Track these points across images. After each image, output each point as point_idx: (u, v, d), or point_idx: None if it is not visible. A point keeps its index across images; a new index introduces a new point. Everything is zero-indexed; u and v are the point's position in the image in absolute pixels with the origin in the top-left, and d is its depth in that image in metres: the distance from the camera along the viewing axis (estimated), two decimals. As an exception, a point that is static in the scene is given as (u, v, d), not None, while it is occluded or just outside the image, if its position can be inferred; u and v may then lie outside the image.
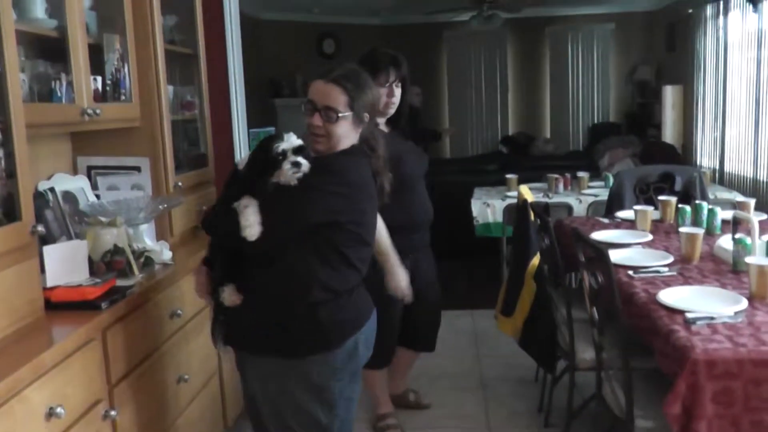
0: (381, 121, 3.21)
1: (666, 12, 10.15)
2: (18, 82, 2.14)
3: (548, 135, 11.60)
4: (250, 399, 2.43)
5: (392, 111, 3.29)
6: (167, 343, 2.74)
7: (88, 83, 2.67)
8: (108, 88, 2.91)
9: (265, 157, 2.16)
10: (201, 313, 3.08)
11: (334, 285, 2.25)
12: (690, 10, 8.58)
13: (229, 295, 2.27)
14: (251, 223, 2.12)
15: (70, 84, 2.56)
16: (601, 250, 2.66)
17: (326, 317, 2.24)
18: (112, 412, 2.25)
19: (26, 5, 2.48)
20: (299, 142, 2.18)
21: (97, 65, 2.81)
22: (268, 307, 2.24)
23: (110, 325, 2.30)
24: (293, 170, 2.15)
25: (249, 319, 2.28)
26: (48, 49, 2.59)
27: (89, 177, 3.11)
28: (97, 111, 2.67)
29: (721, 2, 7.89)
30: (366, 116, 2.37)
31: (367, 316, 2.40)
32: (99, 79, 2.85)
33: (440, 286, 3.69)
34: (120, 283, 2.51)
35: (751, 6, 3.33)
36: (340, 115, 2.28)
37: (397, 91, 3.27)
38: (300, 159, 2.15)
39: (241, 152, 4.97)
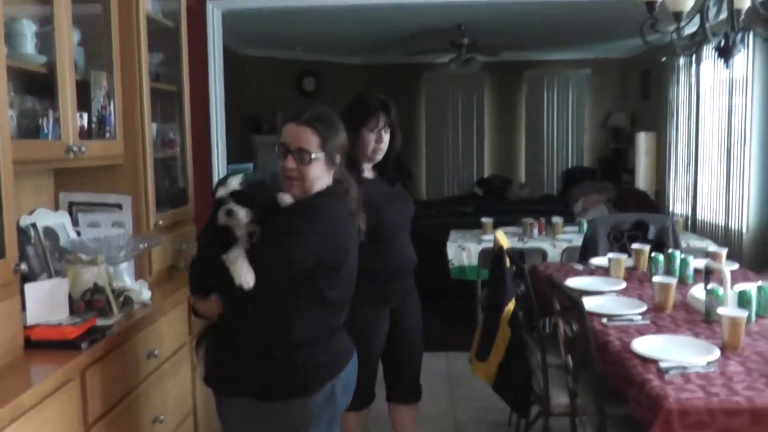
0: (367, 166, 3.20)
1: (640, 60, 10.35)
2: (7, 119, 2.16)
3: (523, 178, 11.73)
4: None
5: (380, 156, 3.21)
6: (144, 384, 2.73)
7: (74, 120, 2.69)
8: (93, 125, 2.92)
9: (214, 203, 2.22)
10: (177, 353, 3.08)
11: (314, 327, 2.26)
12: (663, 59, 8.77)
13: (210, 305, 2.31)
14: (245, 274, 2.13)
15: (57, 120, 2.58)
16: (576, 299, 2.70)
17: (305, 360, 2.24)
18: (89, 453, 2.24)
19: (16, 40, 2.50)
20: (236, 187, 2.19)
21: (83, 102, 2.83)
22: (247, 348, 2.24)
23: (89, 365, 2.29)
24: (225, 218, 2.17)
25: (227, 361, 2.28)
26: (36, 85, 2.61)
27: (70, 213, 3.11)
28: (83, 148, 2.68)
29: (694, 52, 8.07)
30: (338, 158, 2.39)
31: (346, 361, 2.40)
32: (85, 115, 2.86)
33: (424, 334, 3.55)
34: (99, 322, 2.50)
35: (722, 61, 3.42)
36: (313, 156, 2.30)
37: (386, 137, 3.19)
38: (234, 207, 2.17)
39: (220, 189, 4.97)
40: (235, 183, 2.18)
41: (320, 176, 2.35)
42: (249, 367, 2.24)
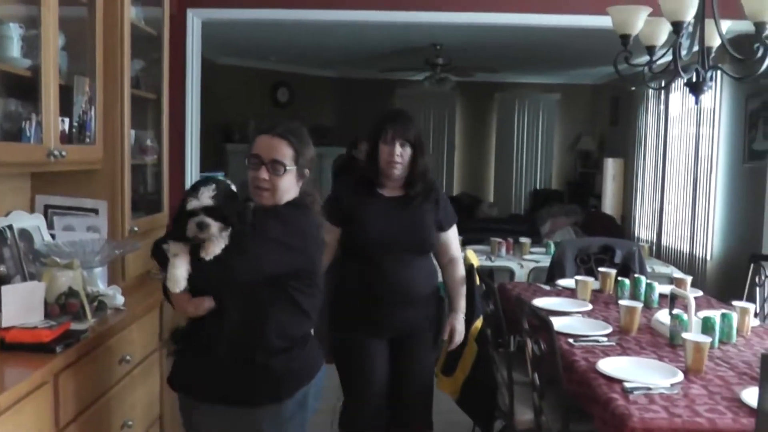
0: (392, 183, 3.21)
1: (610, 87, 10.54)
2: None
3: (492, 197, 11.84)
4: None
5: (398, 172, 3.14)
6: (115, 389, 2.73)
7: (56, 124, 2.69)
8: (74, 130, 2.93)
9: (179, 211, 2.19)
10: (148, 358, 3.08)
11: (289, 334, 2.29)
12: (633, 87, 8.94)
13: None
14: (177, 276, 2.16)
15: (39, 124, 2.58)
16: (545, 319, 2.76)
17: (280, 367, 2.27)
18: (59, 456, 2.24)
19: (2, 43, 2.51)
20: (209, 202, 2.16)
21: (65, 106, 2.84)
22: (221, 354, 2.25)
23: (63, 369, 2.29)
24: (196, 231, 2.15)
25: (199, 366, 2.29)
26: (20, 88, 2.61)
27: (45, 216, 3.11)
28: (63, 153, 2.69)
29: (663, 81, 8.23)
30: (307, 171, 2.43)
31: (318, 368, 2.44)
32: (67, 120, 2.87)
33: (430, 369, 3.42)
34: (74, 326, 2.50)
35: (693, 97, 3.52)
36: (287, 168, 2.33)
37: (401, 151, 3.10)
38: (207, 220, 2.14)
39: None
40: (207, 195, 2.16)
41: (290, 189, 2.38)
42: (222, 372, 2.25)
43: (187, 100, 4.93)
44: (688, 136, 7.69)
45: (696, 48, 3.31)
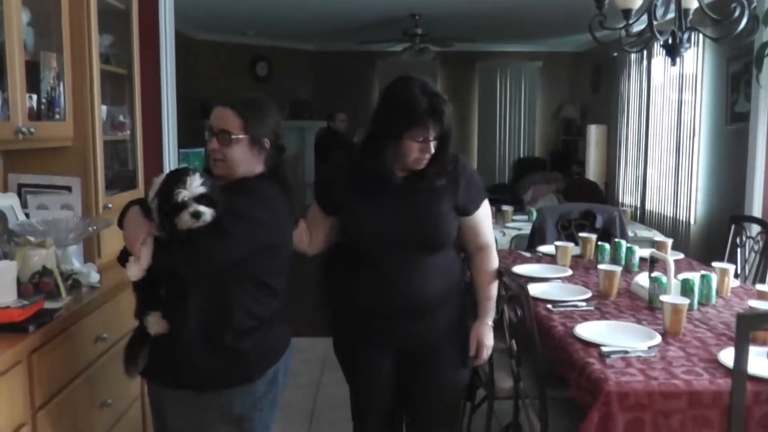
0: (402, 173, 2.57)
1: (592, 54, 10.51)
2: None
3: (475, 166, 11.79)
4: None
5: (422, 166, 2.54)
6: (92, 367, 2.71)
7: (23, 101, 2.65)
8: (43, 107, 2.89)
9: (168, 201, 2.11)
10: (125, 337, 3.04)
11: (255, 313, 2.25)
12: (615, 54, 8.91)
13: (154, 323, 2.23)
14: (138, 268, 2.14)
15: (5, 101, 2.54)
16: (521, 285, 2.76)
17: (249, 348, 2.24)
18: (35, 436, 2.22)
19: (-36, 20, 2.46)
20: (201, 189, 2.11)
21: (32, 83, 2.79)
22: (188, 339, 2.21)
23: (37, 348, 2.28)
24: (192, 221, 2.10)
25: (167, 352, 2.25)
26: (-16, 65, 2.57)
27: (19, 195, 3.07)
28: (32, 130, 2.65)
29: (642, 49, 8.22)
30: (266, 142, 2.33)
31: (287, 345, 2.41)
32: (34, 97, 2.82)
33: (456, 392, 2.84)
34: (48, 305, 2.48)
35: (670, 59, 3.51)
36: (233, 137, 2.26)
37: (433, 147, 2.51)
38: (201, 208, 2.10)
39: (171, 173, 4.93)
40: (197, 184, 2.11)
41: (245, 160, 2.30)
42: (191, 357, 2.21)
43: (162, 75, 4.86)
44: (670, 102, 7.69)
45: (672, 12, 3.30)
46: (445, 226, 2.59)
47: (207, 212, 2.11)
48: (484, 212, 2.71)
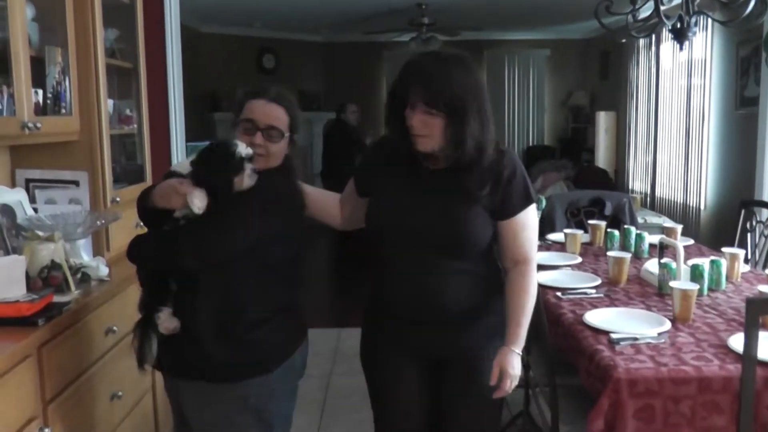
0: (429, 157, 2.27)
1: (600, 40, 10.45)
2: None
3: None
4: (182, 426, 2.38)
5: (423, 147, 2.21)
6: (102, 360, 2.72)
7: (29, 96, 2.66)
8: (48, 102, 2.89)
9: (225, 158, 2.09)
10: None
11: (268, 304, 2.24)
12: (623, 40, 8.87)
13: (165, 321, 2.19)
14: (200, 196, 2.06)
15: (11, 96, 2.54)
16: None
17: (263, 338, 2.22)
18: (46, 430, 2.22)
19: (-32, 16, 2.47)
20: (251, 151, 2.14)
21: (38, 78, 2.80)
22: (203, 331, 2.19)
23: (46, 341, 2.28)
24: (249, 181, 2.10)
25: (184, 344, 2.22)
26: (-12, 61, 2.57)
27: (27, 190, 3.08)
28: (38, 125, 2.66)
29: (653, 34, 8.19)
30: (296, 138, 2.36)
31: (303, 336, 2.41)
32: (40, 92, 2.83)
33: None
34: (56, 299, 2.49)
35: (677, 44, 3.49)
36: (285, 135, 2.28)
37: (427, 119, 2.16)
38: (255, 168, 2.12)
39: (179, 167, 4.94)
40: (245, 147, 2.14)
41: (281, 155, 2.32)
42: (206, 350, 2.19)
43: (169, 68, 4.86)
44: (679, 87, 7.65)
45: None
46: (469, 228, 2.24)
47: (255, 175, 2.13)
48: (525, 220, 2.29)
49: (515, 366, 2.26)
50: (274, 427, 2.30)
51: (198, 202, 2.06)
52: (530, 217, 2.32)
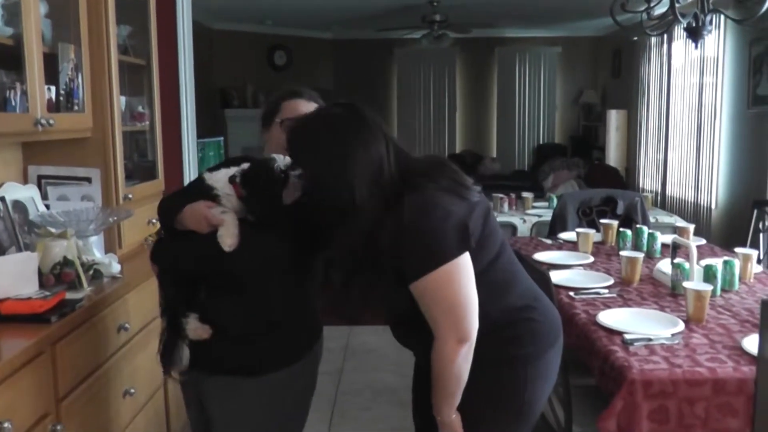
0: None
1: (611, 38, 10.41)
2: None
3: (494, 154, 11.79)
4: (201, 422, 2.36)
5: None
6: (114, 357, 2.72)
7: (42, 93, 2.66)
8: (61, 98, 2.90)
9: (268, 176, 2.03)
10: (148, 326, 3.07)
11: (298, 299, 2.23)
12: (635, 38, 8.83)
13: (195, 330, 2.15)
14: (230, 231, 2.01)
15: (24, 93, 2.55)
16: (543, 273, 2.74)
17: (294, 334, 2.22)
18: (59, 427, 2.22)
19: (-18, 13, 2.47)
20: (289, 159, 2.06)
21: (51, 75, 2.80)
22: (238, 330, 2.17)
23: (59, 338, 2.28)
24: (299, 186, 2.04)
25: (211, 341, 2.18)
26: (3, 57, 2.57)
27: (39, 186, 3.09)
28: (51, 121, 2.66)
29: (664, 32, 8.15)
30: None
31: (322, 324, 2.41)
32: (53, 88, 2.83)
33: None
34: (69, 296, 2.49)
35: (692, 42, 3.46)
36: None
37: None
38: (298, 173, 2.04)
39: (191, 163, 4.95)
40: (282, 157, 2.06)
41: None
42: (235, 347, 2.18)
43: (180, 65, 4.87)
44: (691, 85, 7.61)
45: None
46: None
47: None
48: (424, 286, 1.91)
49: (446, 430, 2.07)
50: (294, 419, 2.31)
51: (229, 240, 2.01)
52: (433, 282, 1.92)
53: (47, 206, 3.05)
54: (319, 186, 1.95)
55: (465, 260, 1.91)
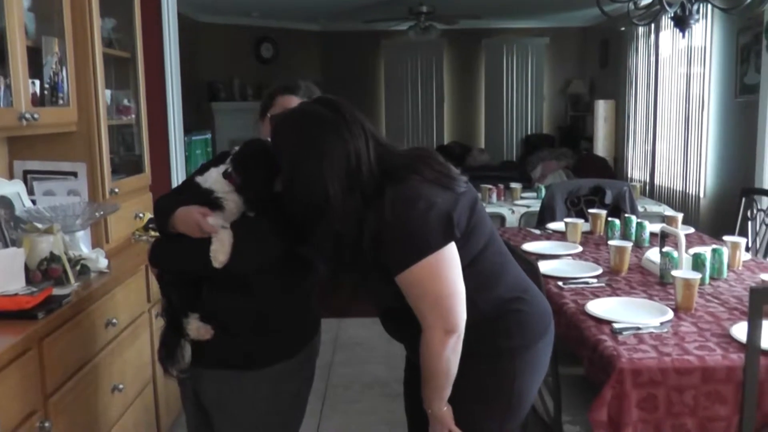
0: None
1: (599, 29, 10.42)
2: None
3: (482, 145, 11.78)
4: (197, 416, 2.34)
5: None
6: (102, 353, 2.71)
7: (26, 87, 2.64)
8: (46, 92, 2.87)
9: (259, 155, 2.02)
10: (136, 321, 3.06)
11: (297, 296, 2.22)
12: (623, 28, 8.84)
13: (197, 329, 2.13)
14: (224, 248, 1.99)
15: (8, 87, 2.53)
16: (531, 263, 2.73)
17: (291, 327, 2.21)
18: (47, 424, 2.21)
19: (-36, 6, 2.45)
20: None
21: (35, 68, 2.78)
22: (241, 327, 2.16)
23: (47, 334, 2.27)
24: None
25: (211, 339, 2.17)
26: (-15, 52, 2.55)
27: (25, 182, 3.06)
28: (35, 115, 2.64)
29: (653, 22, 8.15)
30: None
31: (319, 317, 2.39)
32: (37, 82, 2.81)
33: None
34: (56, 291, 2.47)
35: (679, 31, 3.46)
36: None
37: None
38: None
39: (177, 156, 4.93)
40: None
41: None
42: (236, 343, 2.17)
43: (166, 58, 4.84)
44: (679, 75, 7.62)
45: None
46: None
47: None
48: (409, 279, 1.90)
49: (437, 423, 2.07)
50: (292, 410, 2.31)
51: (221, 257, 1.99)
52: (417, 275, 1.91)
53: (33, 201, 3.03)
54: (293, 182, 1.93)
55: (450, 251, 1.90)
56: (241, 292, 2.13)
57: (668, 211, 5.06)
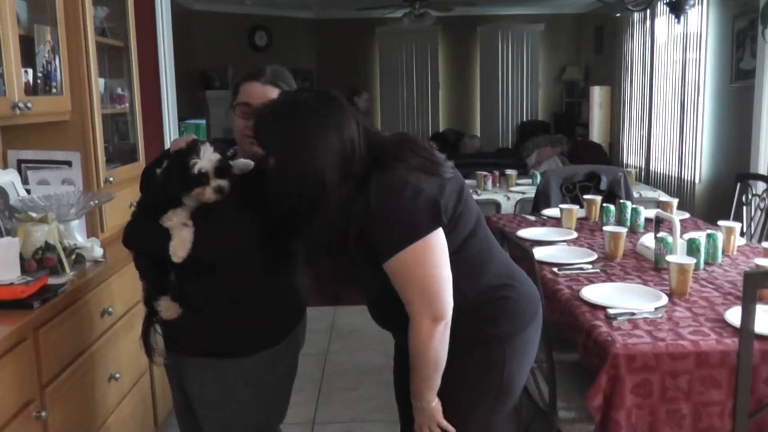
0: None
1: (594, 15, 10.40)
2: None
3: (478, 132, 11.78)
4: (184, 404, 2.35)
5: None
6: (98, 342, 2.71)
7: (19, 76, 2.62)
8: (39, 81, 2.86)
9: (182, 174, 2.01)
10: (131, 310, 3.06)
11: (275, 281, 2.20)
12: (618, 14, 8.81)
13: (167, 309, 2.16)
14: (184, 245, 2.02)
15: (1, 77, 2.52)
16: (526, 249, 2.73)
17: (270, 315, 2.20)
18: (43, 413, 2.21)
19: (-45, -4, 2.43)
20: (217, 156, 2.01)
21: (27, 57, 2.76)
22: (210, 310, 2.16)
23: (42, 324, 2.27)
24: (217, 195, 2.02)
25: (188, 323, 2.19)
26: (-23, 41, 2.54)
27: (19, 171, 3.05)
28: (28, 104, 2.63)
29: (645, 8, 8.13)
30: None
31: (305, 306, 2.39)
32: (30, 71, 2.80)
33: None
34: (51, 281, 2.47)
35: (674, 17, 3.46)
36: None
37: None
38: (222, 183, 2.01)
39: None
40: (211, 153, 2.00)
41: None
42: (214, 327, 2.17)
43: (160, 46, 4.83)
44: (674, 61, 7.62)
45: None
46: None
47: (226, 186, 2.02)
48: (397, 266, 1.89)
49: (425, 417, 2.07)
50: (276, 400, 2.31)
51: (180, 252, 2.02)
52: (404, 262, 1.90)
53: (28, 191, 3.02)
54: (287, 174, 1.89)
55: (437, 237, 1.88)
56: (207, 276, 2.12)
57: (663, 197, 5.06)
